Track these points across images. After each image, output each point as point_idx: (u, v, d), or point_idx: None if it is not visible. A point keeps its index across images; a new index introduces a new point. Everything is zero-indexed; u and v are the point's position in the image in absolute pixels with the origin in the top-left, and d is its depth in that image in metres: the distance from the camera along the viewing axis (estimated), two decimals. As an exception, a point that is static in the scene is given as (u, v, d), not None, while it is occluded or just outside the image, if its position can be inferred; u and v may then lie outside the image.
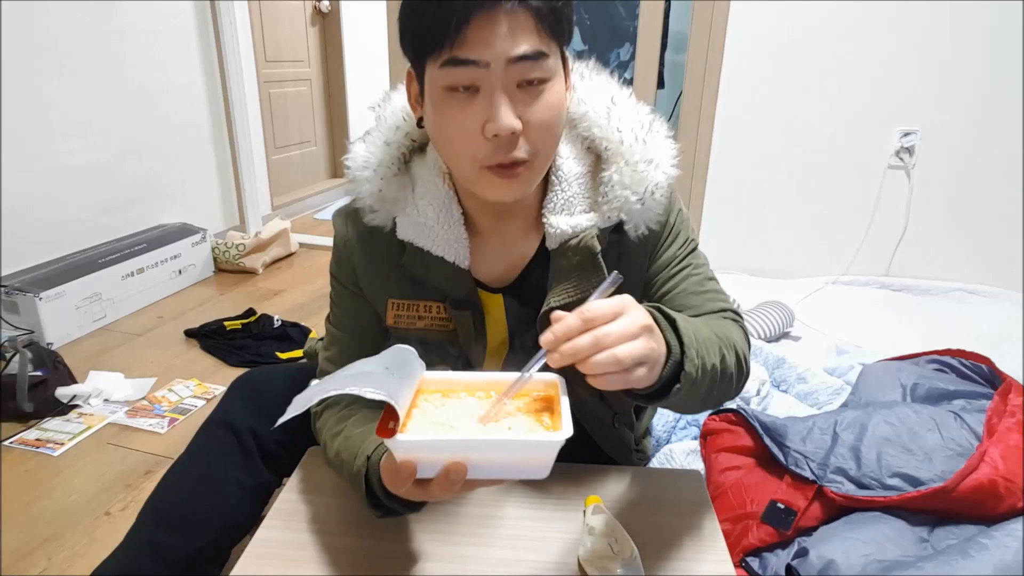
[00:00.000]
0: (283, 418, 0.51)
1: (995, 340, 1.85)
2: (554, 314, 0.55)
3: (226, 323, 2.29)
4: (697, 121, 2.40)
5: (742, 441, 1.20)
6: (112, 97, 2.51)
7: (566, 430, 0.53)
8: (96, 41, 2.42)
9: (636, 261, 0.80)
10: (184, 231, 2.74)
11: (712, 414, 1.27)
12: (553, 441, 0.53)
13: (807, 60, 2.26)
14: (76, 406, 1.79)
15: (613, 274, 0.59)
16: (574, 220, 0.75)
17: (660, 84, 2.67)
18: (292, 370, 0.99)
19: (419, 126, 0.75)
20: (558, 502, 0.79)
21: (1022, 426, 1.06)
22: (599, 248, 0.75)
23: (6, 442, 1.63)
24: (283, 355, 2.13)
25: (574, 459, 0.81)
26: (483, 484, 0.59)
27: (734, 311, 0.80)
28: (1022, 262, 2.28)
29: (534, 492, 0.81)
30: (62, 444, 1.63)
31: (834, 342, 1.88)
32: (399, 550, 0.73)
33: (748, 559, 1.03)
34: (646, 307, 0.59)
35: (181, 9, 2.78)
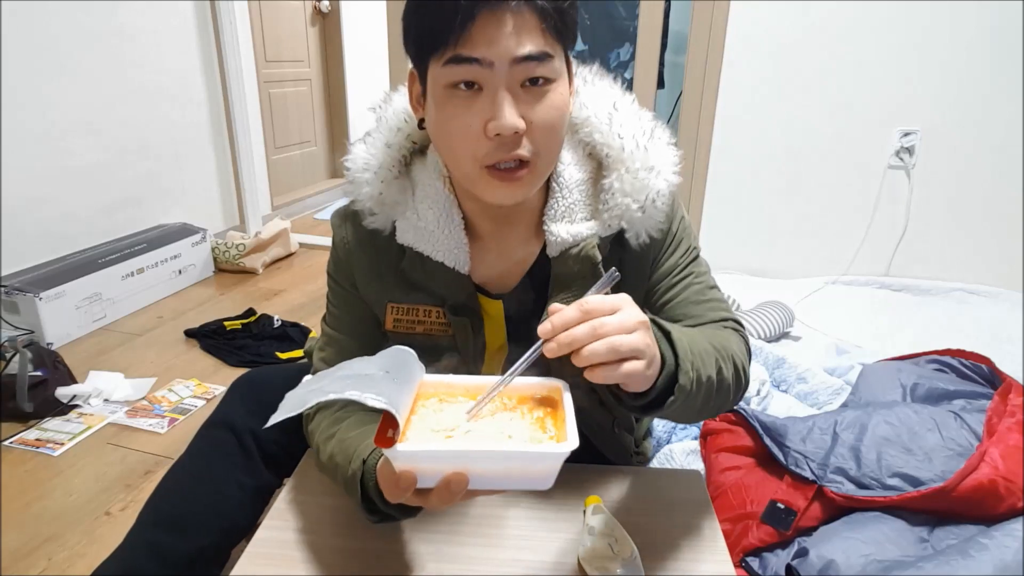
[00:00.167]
0: (275, 418, 0.50)
1: (995, 340, 1.85)
2: (552, 306, 0.55)
3: (226, 323, 2.29)
4: (697, 121, 2.40)
5: (742, 441, 1.20)
6: (112, 97, 2.51)
7: (571, 441, 0.51)
8: (96, 41, 2.42)
9: (637, 269, 0.79)
10: (184, 231, 2.74)
11: (712, 414, 1.27)
12: (558, 452, 0.51)
13: (807, 60, 2.26)
14: (76, 406, 1.79)
15: (610, 271, 0.59)
16: (575, 228, 0.74)
17: (660, 84, 2.67)
18: (293, 370, 0.99)
19: (420, 127, 0.74)
20: (558, 502, 0.79)
21: (1022, 426, 1.06)
22: (600, 258, 0.74)
23: (6, 442, 1.63)
24: (283, 355, 2.13)
25: (573, 462, 0.80)
26: (484, 494, 0.58)
27: (735, 320, 0.80)
28: (1022, 262, 2.28)
29: (534, 492, 0.81)
30: (62, 444, 1.63)
31: (834, 342, 1.88)
32: (399, 550, 0.73)
33: (748, 559, 1.03)
34: None
35: (181, 9, 2.78)
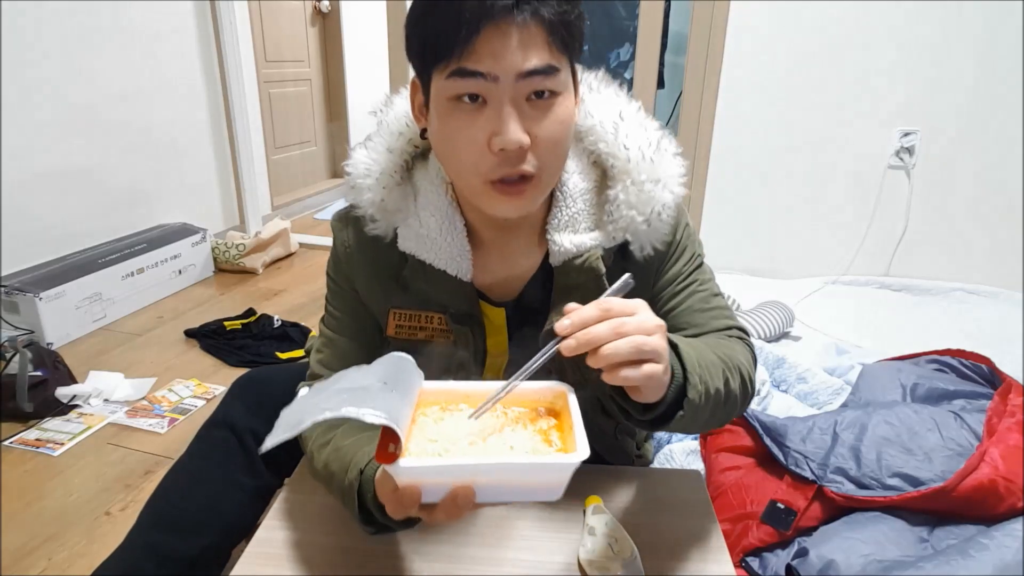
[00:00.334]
0: (271, 441, 0.48)
1: (995, 340, 1.85)
2: (569, 305, 0.55)
3: (226, 323, 2.29)
4: (697, 121, 2.40)
5: (742, 441, 1.20)
6: (112, 97, 2.51)
7: (582, 451, 0.50)
8: (96, 41, 2.42)
9: (641, 280, 0.77)
10: (184, 231, 2.74)
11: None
12: (569, 463, 0.50)
13: (807, 60, 2.26)
14: (76, 406, 1.79)
15: (625, 276, 0.58)
16: (578, 238, 0.73)
17: (660, 84, 2.66)
18: (294, 370, 0.98)
19: (423, 137, 0.73)
20: (558, 502, 0.79)
21: (1022, 426, 1.06)
22: (604, 270, 0.73)
23: (6, 442, 1.63)
24: (283, 355, 2.13)
25: None
26: (490, 506, 0.56)
27: (740, 328, 0.79)
28: (1022, 262, 2.28)
29: (534, 493, 0.81)
30: (62, 444, 1.63)
31: (834, 342, 1.88)
32: (399, 551, 0.72)
33: (748, 559, 1.03)
34: None
35: (181, 9, 2.78)
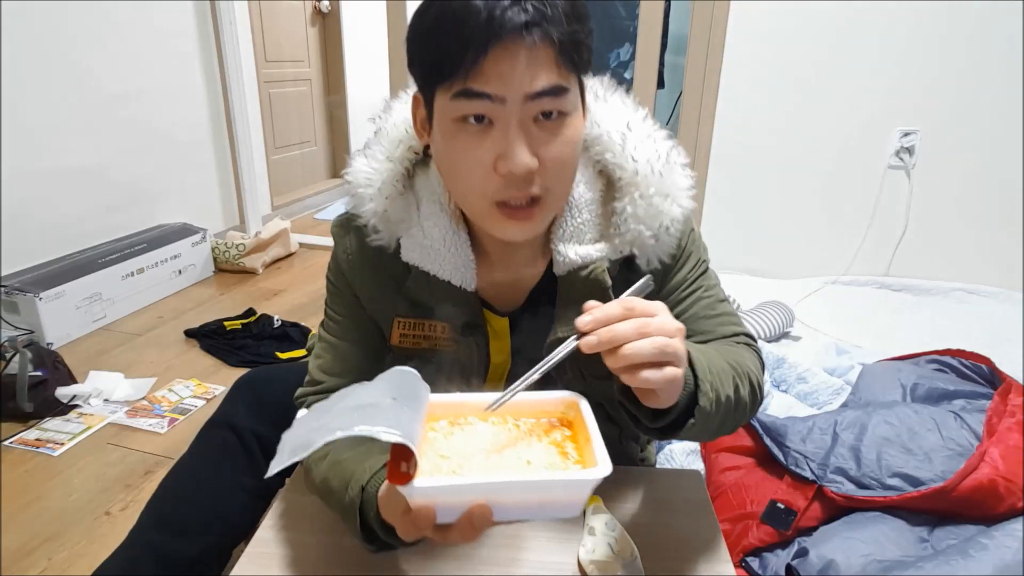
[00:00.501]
0: (276, 464, 0.45)
1: (995, 340, 1.85)
2: (589, 303, 0.54)
3: (226, 323, 2.29)
4: (697, 121, 2.40)
5: (742, 441, 1.21)
6: (112, 97, 2.51)
7: (603, 466, 0.47)
8: (96, 41, 2.42)
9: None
10: (184, 231, 2.74)
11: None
12: (591, 480, 0.47)
13: (807, 60, 2.26)
14: (76, 406, 1.79)
15: (646, 277, 0.58)
16: (583, 249, 0.72)
17: (660, 84, 2.66)
18: (294, 370, 0.97)
19: (425, 154, 0.72)
20: (558, 502, 0.79)
21: (1022, 426, 1.06)
22: (610, 283, 0.72)
23: (6, 442, 1.63)
24: (283, 355, 2.13)
25: None
26: (506, 524, 0.53)
27: (747, 335, 0.78)
28: (1022, 262, 2.28)
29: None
30: (62, 444, 1.63)
31: (834, 342, 1.88)
32: (399, 551, 0.72)
33: (748, 559, 1.03)
34: None
35: (181, 9, 2.78)
